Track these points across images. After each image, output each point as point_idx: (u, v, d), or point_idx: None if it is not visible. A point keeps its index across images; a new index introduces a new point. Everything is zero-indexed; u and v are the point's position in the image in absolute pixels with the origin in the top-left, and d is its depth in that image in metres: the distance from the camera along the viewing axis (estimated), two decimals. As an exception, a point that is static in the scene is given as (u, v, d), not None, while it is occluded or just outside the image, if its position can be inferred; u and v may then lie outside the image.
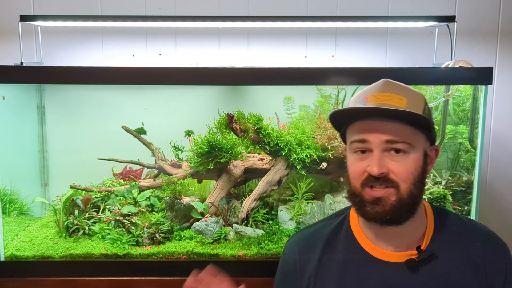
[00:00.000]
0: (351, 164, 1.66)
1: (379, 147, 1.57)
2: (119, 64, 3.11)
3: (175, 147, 2.98)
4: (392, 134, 1.55)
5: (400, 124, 1.56)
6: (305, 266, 1.78)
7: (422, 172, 1.61)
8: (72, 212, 2.76)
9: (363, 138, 1.59)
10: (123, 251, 2.53)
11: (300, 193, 2.75)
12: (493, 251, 1.70)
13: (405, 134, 1.56)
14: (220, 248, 2.55)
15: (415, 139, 1.59)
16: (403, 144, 1.56)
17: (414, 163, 1.58)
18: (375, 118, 1.58)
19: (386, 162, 1.57)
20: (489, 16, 3.10)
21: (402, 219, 1.61)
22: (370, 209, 1.60)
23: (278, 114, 2.89)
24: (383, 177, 1.56)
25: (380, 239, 1.70)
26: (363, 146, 1.60)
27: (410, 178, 1.58)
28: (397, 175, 1.57)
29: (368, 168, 1.58)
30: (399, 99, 1.58)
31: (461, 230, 1.74)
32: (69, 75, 2.44)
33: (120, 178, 3.05)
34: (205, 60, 3.10)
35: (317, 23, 2.92)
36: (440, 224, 1.74)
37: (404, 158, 1.57)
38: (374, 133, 1.57)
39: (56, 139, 3.18)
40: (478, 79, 2.45)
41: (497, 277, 1.67)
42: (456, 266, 1.66)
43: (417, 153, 1.59)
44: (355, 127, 1.63)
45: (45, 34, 3.02)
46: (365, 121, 1.60)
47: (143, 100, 3.09)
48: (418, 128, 1.59)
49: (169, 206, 2.75)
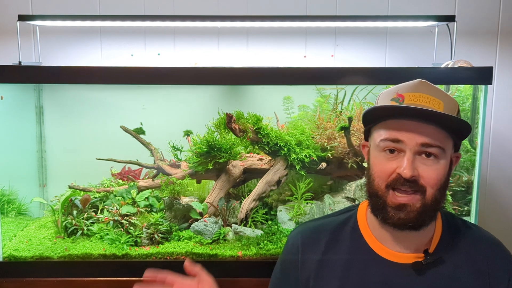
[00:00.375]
0: (378, 163, 1.63)
1: (413, 149, 1.54)
2: (118, 64, 3.11)
3: (174, 147, 2.99)
4: (429, 137, 1.53)
5: (435, 127, 1.53)
6: (308, 258, 1.76)
7: (447, 178, 1.60)
8: (71, 213, 2.77)
9: (398, 138, 1.56)
10: (122, 251, 2.54)
11: (299, 194, 2.75)
12: (497, 259, 1.70)
13: (439, 139, 1.54)
14: (219, 249, 2.56)
15: (447, 145, 1.57)
16: (437, 149, 1.54)
17: (444, 169, 1.57)
18: (410, 118, 1.55)
19: (417, 165, 1.54)
20: (489, 15, 3.10)
21: (424, 225, 1.61)
22: (393, 214, 1.58)
23: (277, 114, 2.90)
24: (412, 180, 1.54)
25: (389, 239, 1.69)
26: (395, 145, 1.57)
27: (437, 184, 1.56)
28: (427, 180, 1.55)
29: (399, 170, 1.55)
30: (437, 102, 1.55)
31: (467, 235, 1.74)
32: (67, 75, 2.44)
33: (118, 178, 3.06)
34: (204, 59, 3.11)
35: (317, 23, 2.93)
36: (448, 228, 1.74)
37: (435, 163, 1.55)
38: (410, 134, 1.54)
39: (55, 139, 3.19)
40: (478, 79, 2.45)
41: (500, 284, 1.67)
42: (460, 271, 1.66)
43: (446, 159, 1.58)
44: (388, 125, 1.60)
45: (43, 33, 3.03)
46: (400, 121, 1.57)
47: (142, 100, 3.09)
48: (451, 134, 1.58)
49: (168, 206, 2.76)
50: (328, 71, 2.53)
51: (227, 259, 2.52)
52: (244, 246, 2.57)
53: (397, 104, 1.57)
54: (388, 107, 1.58)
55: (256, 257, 2.54)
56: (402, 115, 1.56)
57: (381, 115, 1.62)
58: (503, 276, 1.68)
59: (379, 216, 1.63)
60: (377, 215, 1.64)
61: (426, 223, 1.60)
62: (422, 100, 1.56)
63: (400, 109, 1.56)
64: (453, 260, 1.68)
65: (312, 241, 1.79)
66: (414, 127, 1.54)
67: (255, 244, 2.57)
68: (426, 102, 1.55)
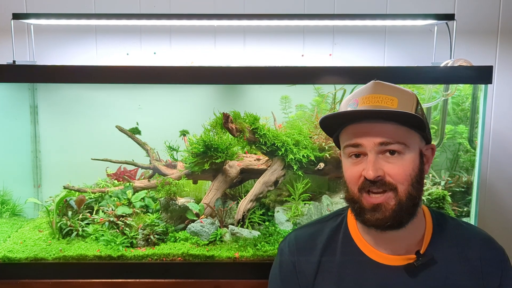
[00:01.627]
0: (346, 169, 1.67)
1: (373, 150, 1.57)
2: (113, 63, 3.11)
3: (170, 147, 2.99)
4: (385, 135, 1.56)
5: (393, 125, 1.57)
6: (304, 268, 1.78)
7: (419, 172, 1.62)
8: (66, 213, 2.77)
9: (356, 142, 1.60)
10: (117, 252, 2.54)
11: (297, 194, 2.76)
12: (490, 255, 1.73)
13: (398, 135, 1.57)
14: (216, 250, 2.56)
15: (410, 139, 1.60)
16: (397, 145, 1.56)
17: (411, 164, 1.59)
18: (367, 121, 1.59)
19: (381, 164, 1.57)
20: (489, 14, 3.11)
21: (404, 222, 1.62)
22: (370, 216, 1.60)
23: (274, 114, 2.90)
24: (379, 180, 1.57)
25: (379, 242, 1.71)
26: (357, 150, 1.61)
27: (407, 180, 1.58)
28: (394, 177, 1.57)
29: (364, 172, 1.58)
30: (390, 100, 1.59)
31: (458, 234, 1.76)
32: (62, 74, 2.45)
33: (114, 178, 3.06)
34: (200, 58, 3.11)
35: (314, 21, 2.93)
36: (438, 227, 1.76)
37: (400, 159, 1.58)
38: (366, 136, 1.58)
39: (49, 139, 3.19)
40: (477, 78, 2.46)
41: (493, 280, 1.70)
42: (453, 270, 1.69)
43: (413, 153, 1.60)
44: (347, 131, 1.64)
45: (38, 32, 3.03)
46: (357, 125, 1.61)
47: (138, 99, 3.10)
48: (412, 128, 1.60)
49: (164, 207, 2.76)
50: (326, 70, 2.53)
51: (224, 260, 2.52)
52: (241, 247, 2.57)
53: (350, 109, 1.61)
54: (338, 114, 1.62)
55: (253, 259, 2.54)
56: (359, 119, 1.60)
57: (340, 122, 1.66)
58: (496, 271, 1.71)
59: (359, 219, 1.67)
60: (358, 219, 1.68)
61: (405, 221, 1.62)
62: (375, 100, 1.60)
63: (354, 114, 1.60)
64: (446, 259, 1.70)
65: (307, 251, 1.81)
66: (370, 129, 1.58)
67: (252, 245, 2.57)
68: (379, 102, 1.59)
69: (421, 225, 1.74)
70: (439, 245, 1.71)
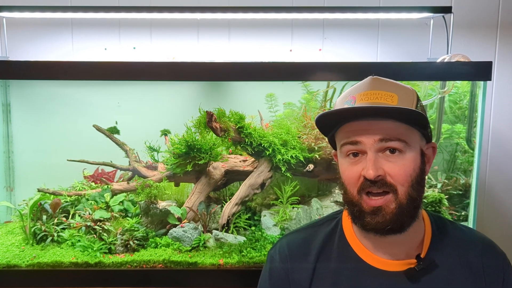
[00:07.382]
0: (344, 170, 1.67)
1: (372, 147, 1.58)
2: (90, 58, 3.14)
3: (151, 148, 3.00)
4: (385, 132, 1.57)
5: (393, 122, 1.58)
6: (297, 275, 1.79)
7: (420, 173, 1.63)
8: (40, 218, 2.78)
9: (355, 140, 1.60)
10: (95, 259, 2.55)
11: (284, 197, 2.77)
12: (491, 260, 1.76)
13: (399, 132, 1.58)
14: (199, 256, 2.57)
15: (411, 137, 1.61)
16: (398, 142, 1.57)
17: (412, 163, 1.60)
18: (366, 118, 1.59)
19: (381, 163, 1.58)
20: (488, 7, 3.14)
21: (405, 226, 1.63)
22: (370, 219, 1.61)
23: (261, 112, 2.92)
24: (380, 180, 1.58)
25: (377, 247, 1.72)
26: (355, 148, 1.61)
27: (408, 181, 1.59)
28: (394, 177, 1.58)
29: (363, 172, 1.59)
30: (389, 96, 1.60)
31: (458, 238, 1.79)
32: (36, 70, 2.46)
33: (91, 181, 3.07)
34: (182, 54, 3.14)
35: (303, 14, 2.96)
36: (438, 231, 1.78)
37: (401, 158, 1.59)
38: (366, 133, 1.58)
39: (23, 139, 3.21)
40: (476, 75, 2.47)
41: (495, 286, 1.73)
42: (454, 274, 1.71)
43: (414, 152, 1.61)
44: (344, 130, 1.65)
45: (10, 26, 3.04)
46: (356, 122, 1.61)
47: (117, 97, 3.11)
48: (413, 125, 1.61)
49: (144, 211, 2.78)
50: (316, 66, 2.54)
51: (207, 267, 2.54)
52: (226, 253, 2.58)
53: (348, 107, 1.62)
54: (336, 111, 1.62)
55: (238, 266, 2.55)
56: (357, 116, 1.61)
57: (337, 120, 1.66)
58: (498, 276, 1.74)
59: (358, 223, 1.67)
60: (356, 223, 1.68)
61: (407, 224, 1.63)
62: (373, 97, 1.61)
63: (353, 111, 1.61)
64: (447, 264, 1.72)
65: (300, 257, 1.81)
66: (370, 126, 1.59)
67: (237, 251, 2.59)
68: (378, 99, 1.60)
69: (421, 228, 1.75)
70: (440, 248, 1.74)
